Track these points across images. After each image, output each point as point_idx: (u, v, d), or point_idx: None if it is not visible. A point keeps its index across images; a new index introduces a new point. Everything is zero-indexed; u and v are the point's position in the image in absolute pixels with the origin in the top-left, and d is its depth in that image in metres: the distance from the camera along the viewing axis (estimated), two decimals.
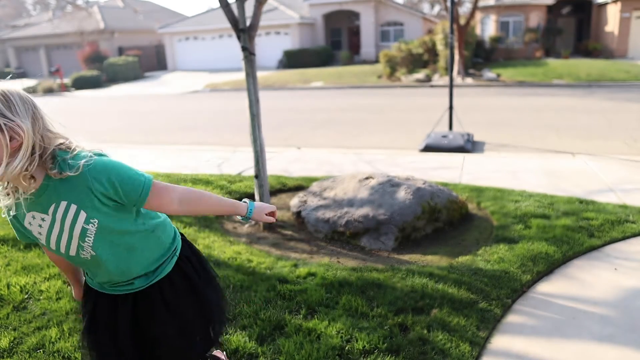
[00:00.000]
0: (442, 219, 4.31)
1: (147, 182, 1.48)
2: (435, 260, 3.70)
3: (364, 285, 3.17)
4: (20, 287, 3.25)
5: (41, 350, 2.60)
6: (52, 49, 38.52)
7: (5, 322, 2.86)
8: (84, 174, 1.39)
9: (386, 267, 3.52)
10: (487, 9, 26.79)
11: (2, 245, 4.00)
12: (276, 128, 10.29)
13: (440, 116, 9.33)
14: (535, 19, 26.12)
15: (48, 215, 1.46)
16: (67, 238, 1.50)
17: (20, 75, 38.40)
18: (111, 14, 37.09)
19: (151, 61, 35.11)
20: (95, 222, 1.46)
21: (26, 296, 3.16)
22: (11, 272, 3.50)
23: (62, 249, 1.54)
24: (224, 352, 2.42)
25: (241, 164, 7.22)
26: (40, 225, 1.49)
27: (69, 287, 3.25)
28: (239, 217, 1.77)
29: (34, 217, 1.48)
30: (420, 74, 20.91)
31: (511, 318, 2.91)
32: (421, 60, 22.42)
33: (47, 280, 3.37)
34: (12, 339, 2.70)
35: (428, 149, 7.91)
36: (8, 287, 3.24)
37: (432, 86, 19.30)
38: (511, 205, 4.69)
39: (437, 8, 50.17)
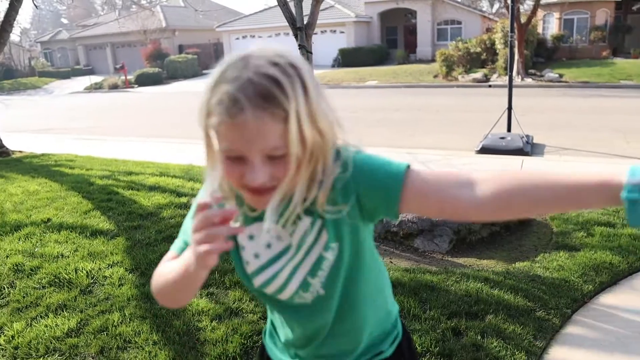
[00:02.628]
0: (499, 223, 4.20)
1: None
2: (490, 265, 3.61)
3: (417, 287, 3.14)
4: (87, 272, 3.44)
5: (105, 332, 2.74)
6: (117, 47, 40.31)
7: (73, 304, 3.04)
8: None
9: (440, 269, 3.47)
10: (549, 6, 25.73)
11: (71, 232, 4.24)
12: None
13: (498, 117, 9.08)
14: (603, 16, 24.87)
15: None
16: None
17: (89, 72, 40.42)
18: (173, 13, 38.35)
19: (209, 59, 36.04)
20: None
21: (92, 281, 3.34)
22: (78, 257, 3.70)
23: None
24: None
25: None
26: None
27: (129, 274, 3.41)
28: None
29: None
30: (478, 74, 20.41)
31: (570, 329, 2.80)
32: (479, 60, 21.88)
33: (111, 267, 3.54)
34: (79, 320, 2.86)
35: (485, 150, 7.71)
36: (76, 272, 3.43)
37: (490, 86, 18.79)
38: (572, 212, 4.51)
39: (496, 6, 48.78)
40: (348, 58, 28.86)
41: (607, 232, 3.99)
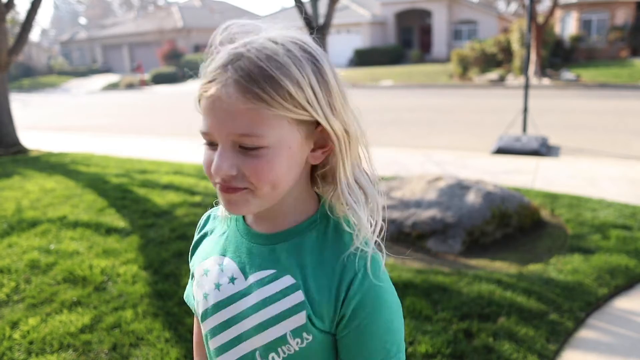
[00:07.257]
0: (513, 225, 4.16)
1: None
2: (503, 267, 3.58)
3: (428, 288, 3.12)
4: (101, 269, 3.48)
5: (118, 329, 2.77)
6: (134, 47, 40.73)
7: (87, 300, 3.07)
8: None
9: (452, 271, 3.45)
10: (568, 6, 25.41)
11: (86, 229, 4.30)
12: None
13: (513, 118, 8.99)
14: (622, 16, 24.47)
15: None
16: None
17: (106, 70, 40.90)
18: (189, 14, 38.67)
19: None
20: None
21: (106, 278, 3.37)
22: (93, 254, 3.75)
23: None
24: None
25: None
26: None
27: (143, 272, 3.44)
28: None
29: None
30: (494, 74, 20.24)
31: (584, 333, 2.76)
32: (495, 60, 21.70)
33: (125, 264, 3.58)
34: (93, 316, 2.89)
35: (500, 151, 7.65)
36: (90, 269, 3.48)
37: (505, 87, 18.62)
38: (588, 214, 4.45)
39: (513, 6, 48.33)
40: (363, 58, 28.84)
41: (623, 235, 3.93)
